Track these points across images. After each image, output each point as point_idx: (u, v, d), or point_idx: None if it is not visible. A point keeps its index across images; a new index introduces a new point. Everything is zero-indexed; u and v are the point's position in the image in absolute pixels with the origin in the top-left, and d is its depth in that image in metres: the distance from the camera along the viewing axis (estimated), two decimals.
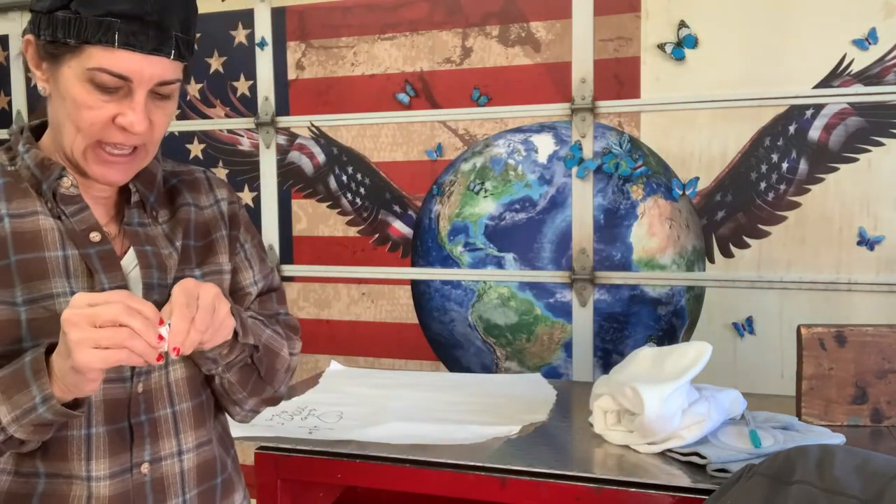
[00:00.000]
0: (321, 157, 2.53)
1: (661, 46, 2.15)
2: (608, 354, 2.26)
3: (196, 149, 2.64)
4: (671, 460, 1.45)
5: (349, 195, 2.52)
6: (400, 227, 2.47)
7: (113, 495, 0.99)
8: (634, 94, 2.19)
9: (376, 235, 2.50)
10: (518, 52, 2.30)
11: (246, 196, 2.60)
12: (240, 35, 2.57)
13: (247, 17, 2.56)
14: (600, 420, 1.59)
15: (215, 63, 2.60)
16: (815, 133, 2.05)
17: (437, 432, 1.59)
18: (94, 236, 1.03)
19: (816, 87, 2.03)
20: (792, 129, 2.07)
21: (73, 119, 0.98)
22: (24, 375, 0.90)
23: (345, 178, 2.52)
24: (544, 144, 2.29)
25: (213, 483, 1.11)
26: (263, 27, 2.54)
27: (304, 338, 1.28)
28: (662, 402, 1.44)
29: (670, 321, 2.21)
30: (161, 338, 0.89)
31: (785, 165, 2.08)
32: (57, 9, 0.95)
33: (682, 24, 2.13)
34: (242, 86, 2.58)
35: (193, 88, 2.63)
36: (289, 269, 2.60)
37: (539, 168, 2.29)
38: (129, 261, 1.05)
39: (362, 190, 2.50)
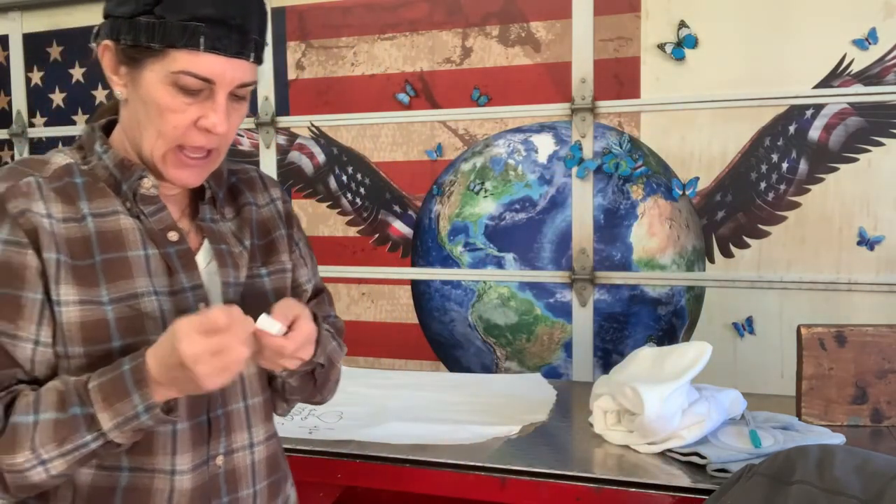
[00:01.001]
0: (321, 157, 2.53)
1: (661, 46, 2.15)
2: (608, 354, 2.26)
3: None
4: (671, 460, 1.45)
5: (349, 195, 2.52)
6: (400, 227, 2.47)
7: (193, 488, 1.02)
8: (634, 94, 2.19)
9: (376, 235, 2.50)
10: (518, 52, 2.30)
11: None
12: None
13: None
14: (600, 420, 1.59)
15: None
16: (815, 133, 2.05)
17: (437, 432, 1.60)
18: (173, 235, 1.05)
19: (816, 87, 2.03)
20: (792, 129, 2.07)
21: (155, 123, 0.99)
22: (126, 384, 0.92)
23: (345, 178, 2.52)
24: (544, 144, 2.29)
25: (278, 475, 1.15)
26: None
27: None
28: (662, 402, 1.45)
29: (670, 321, 2.21)
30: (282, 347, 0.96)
31: (785, 165, 2.08)
32: (140, 14, 0.96)
33: (682, 24, 2.13)
34: None
35: None
36: None
37: (539, 168, 2.29)
38: (202, 257, 1.08)
39: (362, 190, 2.50)
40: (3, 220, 0.96)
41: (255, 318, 0.96)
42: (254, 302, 1.10)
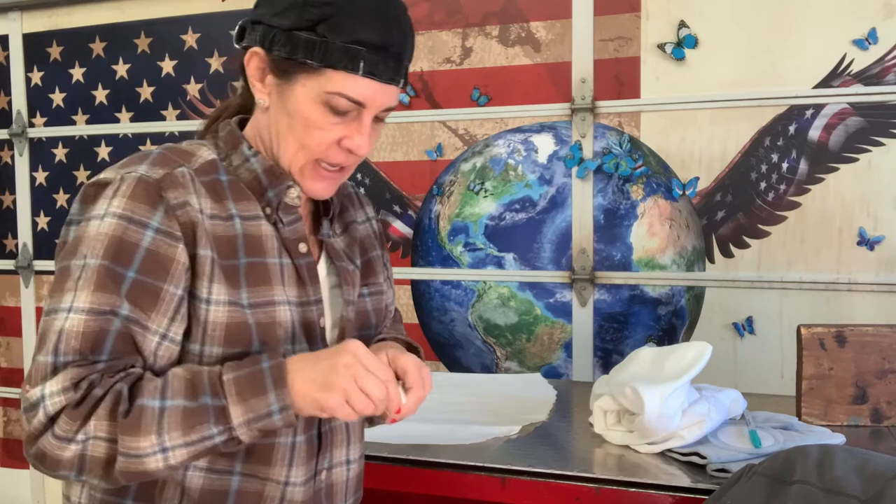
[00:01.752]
0: None
1: (661, 46, 2.15)
2: (608, 354, 2.26)
3: None
4: (671, 460, 1.45)
5: None
6: (400, 227, 2.47)
7: (303, 501, 1.03)
8: (634, 94, 2.19)
9: None
10: (518, 52, 2.30)
11: None
12: None
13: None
14: (600, 420, 1.59)
15: (215, 63, 2.60)
16: (815, 133, 2.05)
17: (437, 432, 1.59)
18: (303, 247, 1.05)
19: (816, 87, 2.03)
20: (792, 129, 2.07)
21: (298, 136, 1.00)
22: (264, 382, 0.91)
23: None
24: (544, 144, 2.29)
25: (359, 494, 1.17)
26: None
27: None
28: (662, 402, 1.44)
29: (670, 321, 2.21)
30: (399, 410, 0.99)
31: (785, 165, 2.08)
32: (300, 29, 0.96)
33: (682, 24, 2.13)
34: None
35: (193, 88, 2.63)
36: None
37: (539, 168, 2.29)
38: (321, 272, 1.08)
39: (362, 190, 2.50)
40: (157, 207, 0.94)
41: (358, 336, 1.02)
42: (359, 321, 1.13)
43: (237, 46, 1.05)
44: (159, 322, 0.94)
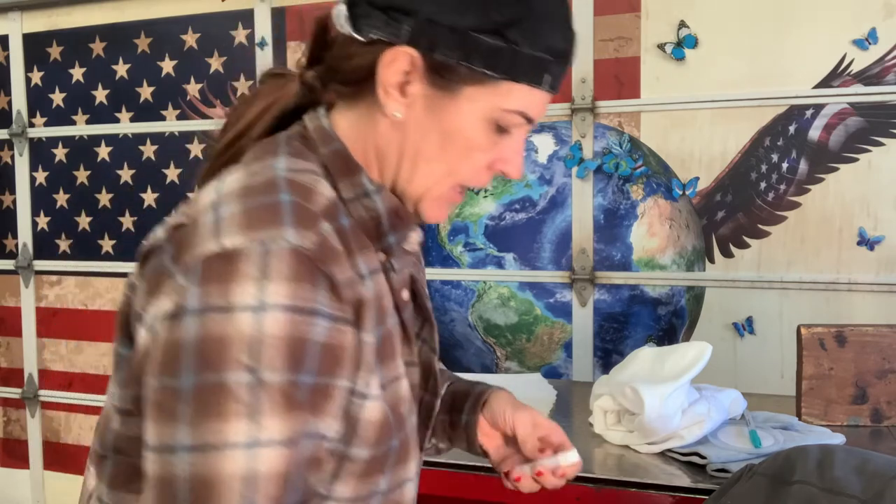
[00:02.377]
0: None
1: (661, 46, 2.15)
2: (608, 354, 2.26)
3: (196, 149, 2.64)
4: (671, 460, 1.45)
5: None
6: None
7: None
8: (634, 94, 2.19)
9: None
10: None
11: None
12: (240, 35, 2.57)
13: (247, 17, 2.56)
14: (600, 420, 1.59)
15: (215, 63, 2.60)
16: (815, 133, 2.05)
17: None
18: (405, 294, 0.87)
19: (816, 87, 2.03)
20: (792, 129, 2.07)
21: (451, 160, 0.80)
22: None
23: None
24: (544, 144, 2.29)
25: None
26: (263, 27, 2.54)
27: None
28: (662, 402, 1.44)
29: (670, 321, 2.21)
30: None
31: (785, 165, 2.08)
32: (484, 31, 0.75)
33: (682, 24, 2.13)
34: (242, 86, 2.58)
35: (193, 88, 2.63)
36: None
37: (539, 168, 2.29)
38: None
39: None
40: (320, 286, 0.70)
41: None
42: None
43: (354, 35, 0.79)
44: (331, 425, 0.73)
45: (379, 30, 0.77)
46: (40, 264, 2.88)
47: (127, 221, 2.73)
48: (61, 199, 2.84)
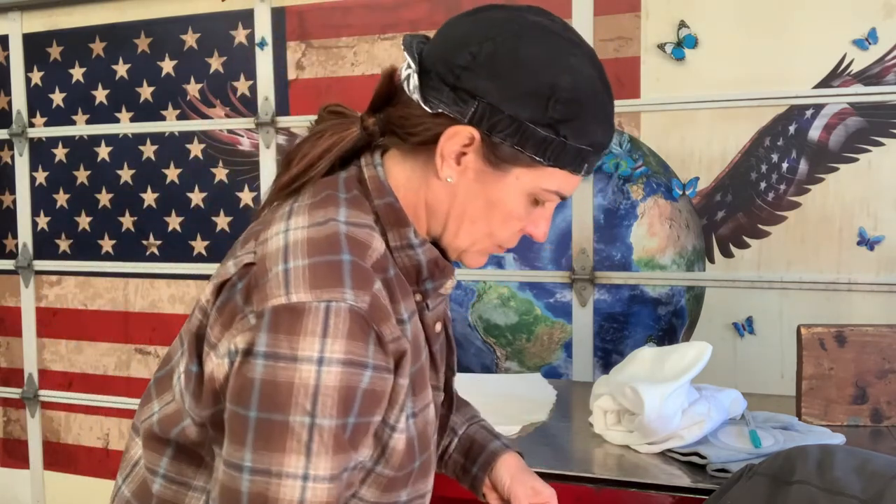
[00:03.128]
0: None
1: (661, 46, 2.15)
2: (608, 354, 2.26)
3: (196, 149, 2.64)
4: (671, 460, 1.45)
5: None
6: None
7: None
8: (634, 94, 2.19)
9: None
10: None
11: (246, 196, 2.60)
12: (240, 35, 2.57)
13: (247, 17, 2.56)
14: (600, 420, 1.59)
15: (215, 63, 2.60)
16: (815, 133, 2.05)
17: None
18: (438, 327, 0.98)
19: (816, 87, 2.03)
20: (792, 129, 2.07)
21: (491, 224, 0.92)
22: None
23: None
24: None
25: None
26: (263, 27, 2.54)
27: None
28: (662, 402, 1.44)
29: (670, 321, 2.21)
30: None
31: (785, 165, 2.08)
32: (538, 124, 0.85)
33: (682, 24, 2.13)
34: (242, 86, 2.58)
35: (193, 88, 2.63)
36: None
37: None
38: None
39: None
40: (370, 342, 0.82)
41: None
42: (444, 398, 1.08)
43: (423, 106, 0.89)
44: (364, 454, 0.86)
45: (447, 105, 0.87)
46: (40, 264, 2.88)
47: (127, 221, 2.73)
48: (61, 199, 2.84)
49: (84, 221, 2.81)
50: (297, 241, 0.84)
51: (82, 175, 2.80)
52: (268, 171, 2.58)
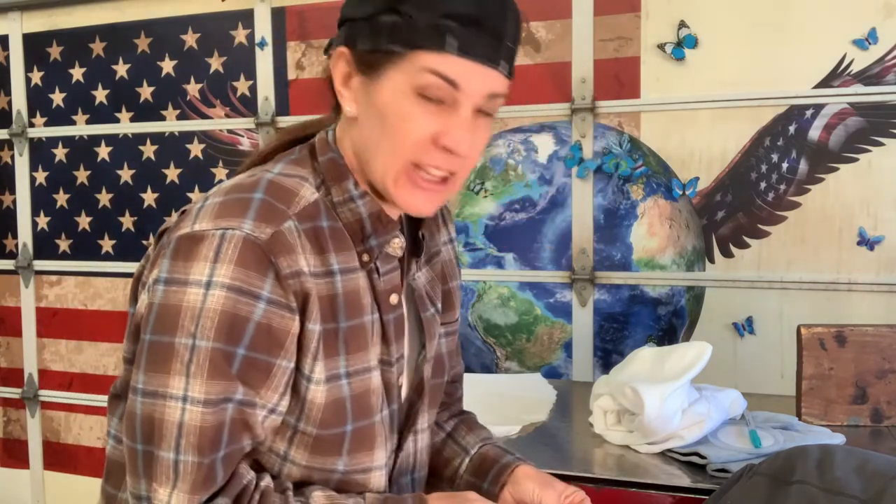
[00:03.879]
0: None
1: (661, 46, 2.15)
2: (608, 354, 2.26)
3: (196, 149, 2.64)
4: (671, 460, 1.45)
5: None
6: None
7: None
8: (634, 94, 2.19)
9: None
10: (518, 51, 2.30)
11: None
12: (240, 35, 2.57)
13: (247, 17, 2.56)
14: (600, 420, 1.60)
15: (215, 63, 2.60)
16: (815, 133, 2.05)
17: None
18: (394, 299, 0.95)
19: (816, 87, 2.03)
20: (792, 129, 2.07)
21: (390, 137, 0.87)
22: None
23: None
24: (544, 144, 2.29)
25: None
26: (263, 27, 2.54)
27: None
28: (662, 402, 1.45)
29: (670, 321, 2.21)
30: None
31: (785, 165, 2.08)
32: (382, 12, 0.85)
33: (682, 24, 2.13)
34: (242, 86, 2.58)
35: (193, 88, 2.63)
36: None
37: (539, 168, 2.29)
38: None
39: None
40: (268, 274, 0.82)
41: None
42: (435, 372, 1.05)
43: (326, 57, 0.93)
44: (269, 398, 0.85)
45: (333, 45, 0.92)
46: (40, 264, 2.88)
47: (127, 221, 2.73)
48: (61, 199, 2.84)
49: (84, 221, 2.81)
50: (225, 186, 0.90)
51: (82, 175, 2.80)
52: None
